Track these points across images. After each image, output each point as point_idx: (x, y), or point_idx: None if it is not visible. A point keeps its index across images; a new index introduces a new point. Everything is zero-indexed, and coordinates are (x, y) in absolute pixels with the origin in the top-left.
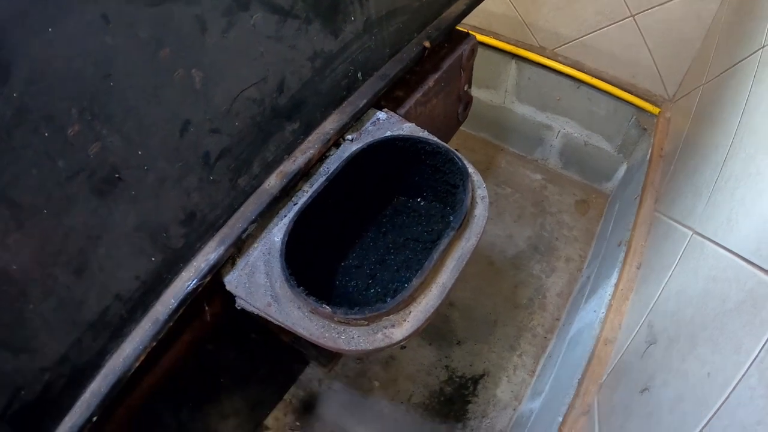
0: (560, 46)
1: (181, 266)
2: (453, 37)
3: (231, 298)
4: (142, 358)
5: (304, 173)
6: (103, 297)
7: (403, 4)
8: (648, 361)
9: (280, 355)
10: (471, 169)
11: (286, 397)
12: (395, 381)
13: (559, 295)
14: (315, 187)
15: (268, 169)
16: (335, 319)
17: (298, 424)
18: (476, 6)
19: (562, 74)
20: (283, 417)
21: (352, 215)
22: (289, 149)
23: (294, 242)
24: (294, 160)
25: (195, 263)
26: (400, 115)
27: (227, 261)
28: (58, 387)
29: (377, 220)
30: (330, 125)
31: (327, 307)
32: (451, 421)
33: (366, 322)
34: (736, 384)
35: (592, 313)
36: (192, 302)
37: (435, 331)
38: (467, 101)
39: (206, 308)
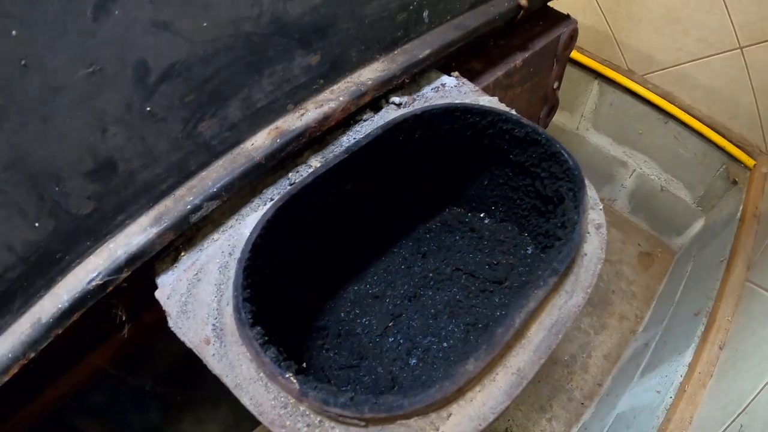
0: (652, 72)
1: (89, 246)
2: (549, 16)
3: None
4: (13, 371)
5: (316, 139)
6: None
7: None
8: None
9: None
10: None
11: None
12: None
13: (606, 357)
14: (327, 162)
15: (256, 119)
16: (305, 403)
17: None
18: None
19: (650, 104)
20: None
21: (382, 220)
22: (298, 96)
23: (272, 243)
24: (301, 114)
25: (112, 246)
26: None
27: (168, 253)
28: None
29: (417, 234)
30: (369, 74)
31: (293, 380)
32: None
33: (364, 424)
34: None
35: (653, 393)
36: (98, 305)
37: None
38: (553, 105)
39: (123, 319)
